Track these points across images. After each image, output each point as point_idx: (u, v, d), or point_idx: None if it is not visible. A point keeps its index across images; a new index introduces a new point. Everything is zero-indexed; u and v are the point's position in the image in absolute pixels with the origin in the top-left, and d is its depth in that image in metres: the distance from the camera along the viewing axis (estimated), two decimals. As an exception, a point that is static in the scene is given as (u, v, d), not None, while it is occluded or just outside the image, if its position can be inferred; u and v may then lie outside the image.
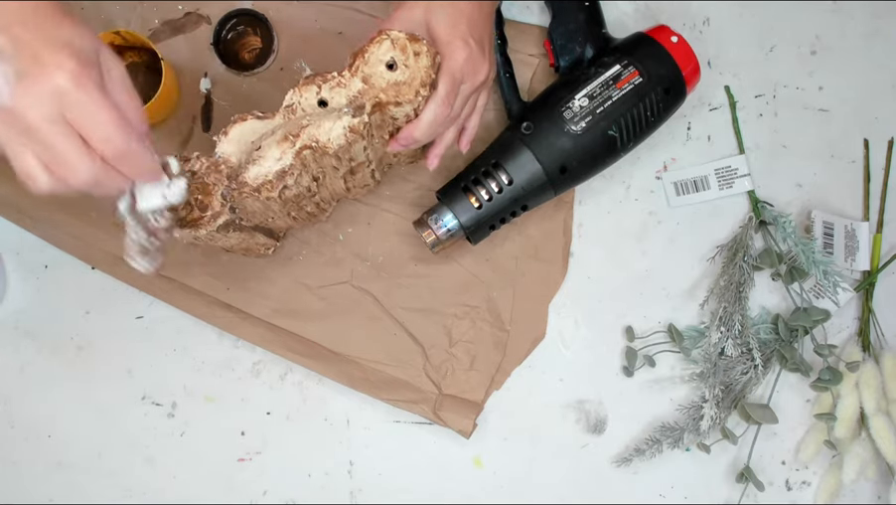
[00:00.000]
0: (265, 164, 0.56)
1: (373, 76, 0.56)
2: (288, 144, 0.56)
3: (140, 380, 0.74)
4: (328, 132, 0.56)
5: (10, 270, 0.75)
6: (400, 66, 0.56)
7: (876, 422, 0.70)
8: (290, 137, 0.56)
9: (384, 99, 0.56)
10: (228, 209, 0.56)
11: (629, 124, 0.67)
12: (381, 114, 0.58)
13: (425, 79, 0.56)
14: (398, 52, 0.56)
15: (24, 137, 0.42)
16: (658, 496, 0.74)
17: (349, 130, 0.55)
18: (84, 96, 0.42)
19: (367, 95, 0.56)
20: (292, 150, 0.55)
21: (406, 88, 0.56)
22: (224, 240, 0.61)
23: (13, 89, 0.41)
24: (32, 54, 0.41)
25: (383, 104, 0.57)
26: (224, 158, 0.56)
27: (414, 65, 0.56)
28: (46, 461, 0.74)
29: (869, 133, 0.77)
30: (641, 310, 0.75)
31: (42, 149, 0.43)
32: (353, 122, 0.55)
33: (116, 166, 0.45)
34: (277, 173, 0.56)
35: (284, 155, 0.56)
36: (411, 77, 0.56)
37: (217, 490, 0.74)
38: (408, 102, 0.56)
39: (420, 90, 0.56)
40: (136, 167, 0.46)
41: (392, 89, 0.56)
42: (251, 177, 0.56)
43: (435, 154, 0.65)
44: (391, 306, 0.74)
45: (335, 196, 0.70)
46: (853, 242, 0.74)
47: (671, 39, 0.68)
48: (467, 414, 0.72)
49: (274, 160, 0.56)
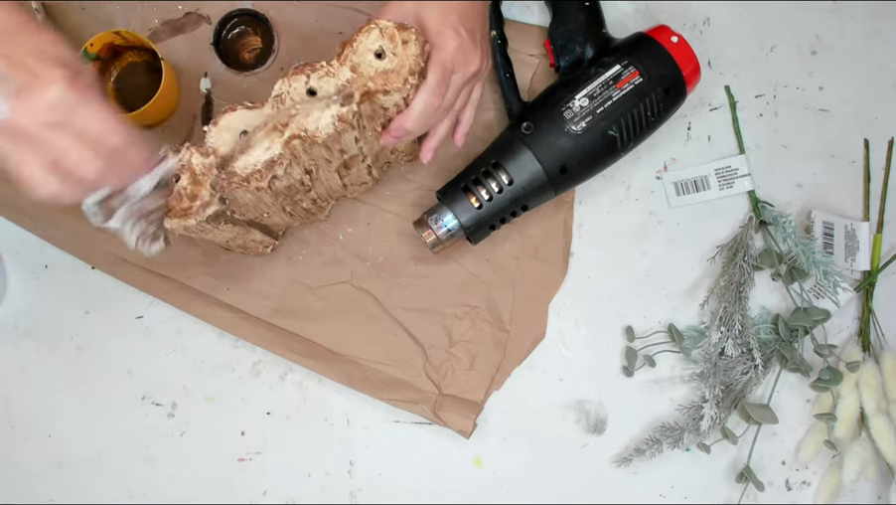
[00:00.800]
0: (254, 154, 0.56)
1: (361, 64, 0.57)
2: (277, 134, 0.56)
3: (140, 380, 0.74)
4: (316, 121, 0.56)
5: (10, 270, 0.75)
6: (388, 54, 0.56)
7: (876, 422, 0.70)
8: (279, 127, 0.56)
9: (373, 88, 0.57)
10: (218, 199, 0.57)
11: (629, 124, 0.67)
12: (371, 104, 0.58)
13: (414, 66, 0.56)
14: (387, 40, 0.56)
15: (27, 146, 0.45)
16: (658, 496, 0.74)
17: (337, 119, 0.56)
18: (78, 101, 0.45)
19: (355, 84, 0.56)
20: (281, 139, 0.56)
21: (395, 76, 0.56)
22: (216, 232, 0.61)
23: (13, 103, 0.44)
24: (25, 69, 0.45)
25: (372, 93, 0.57)
26: (213, 147, 0.57)
27: (402, 53, 0.56)
28: (46, 461, 0.74)
29: (869, 133, 0.77)
30: (641, 310, 0.75)
31: (46, 154, 0.46)
32: (341, 111, 0.56)
33: (115, 160, 0.48)
34: (266, 163, 0.56)
35: (273, 145, 0.56)
36: (399, 64, 0.56)
37: (217, 490, 0.74)
38: (397, 91, 0.57)
39: (409, 78, 0.56)
40: (132, 159, 0.50)
41: (381, 78, 0.56)
42: (240, 167, 0.56)
43: (429, 147, 0.65)
44: (391, 306, 0.74)
45: (332, 193, 0.70)
46: (853, 242, 0.74)
47: (671, 39, 0.68)
48: (467, 414, 0.72)
49: (263, 150, 0.56)
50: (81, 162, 0.47)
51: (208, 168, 0.57)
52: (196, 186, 0.57)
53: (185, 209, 0.57)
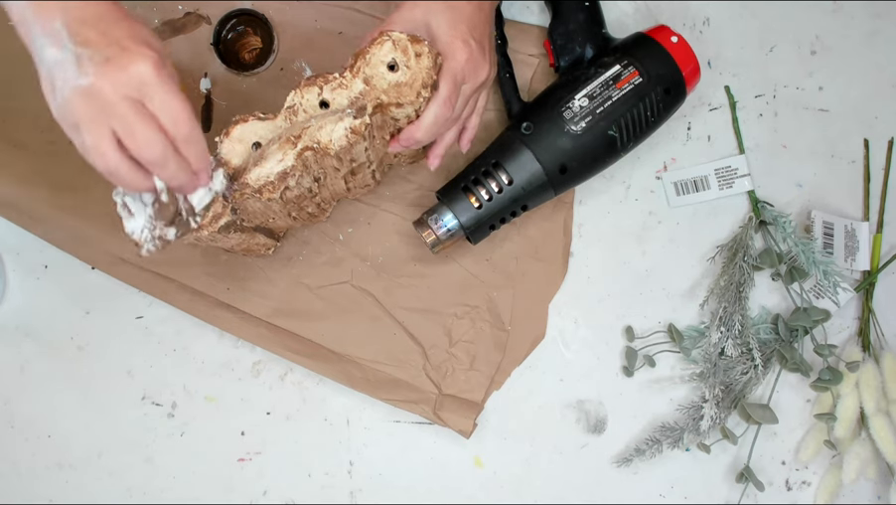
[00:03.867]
0: (267, 165, 0.56)
1: (374, 77, 0.56)
2: (290, 146, 0.55)
3: (140, 380, 0.74)
4: (329, 134, 0.55)
5: (10, 270, 0.75)
6: (402, 67, 0.56)
7: (876, 422, 0.70)
8: (292, 139, 0.55)
9: (386, 101, 0.56)
10: (230, 210, 0.56)
11: (629, 124, 0.67)
12: (383, 115, 0.58)
13: (426, 80, 0.56)
14: (400, 53, 0.56)
15: (102, 114, 0.46)
16: (658, 496, 0.74)
17: (350, 132, 0.55)
18: (161, 83, 0.47)
19: (368, 97, 0.56)
20: (294, 151, 0.55)
21: (408, 90, 0.56)
22: (224, 240, 0.61)
23: (98, 69, 0.45)
24: (118, 43, 0.46)
25: (385, 106, 0.57)
26: (225, 159, 0.56)
27: (416, 66, 0.56)
28: (46, 461, 0.74)
29: (869, 133, 0.77)
30: (641, 310, 0.75)
31: (118, 126, 0.47)
32: (354, 124, 0.55)
33: (182, 149, 0.49)
34: (279, 174, 0.56)
35: (286, 157, 0.55)
36: (412, 78, 0.56)
37: (217, 490, 0.74)
38: (410, 104, 0.56)
39: (422, 92, 0.56)
40: (197, 152, 0.50)
41: (394, 91, 0.56)
42: (253, 178, 0.56)
43: (436, 154, 0.65)
44: (391, 306, 0.74)
45: (335, 196, 0.70)
46: (853, 242, 0.74)
47: (671, 39, 0.68)
48: (467, 414, 0.72)
49: (276, 161, 0.56)
50: (148, 142, 0.47)
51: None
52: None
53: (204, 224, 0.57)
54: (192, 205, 0.54)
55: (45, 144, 0.74)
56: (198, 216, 0.55)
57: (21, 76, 0.74)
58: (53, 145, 0.74)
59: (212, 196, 0.54)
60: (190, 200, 0.53)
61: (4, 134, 0.75)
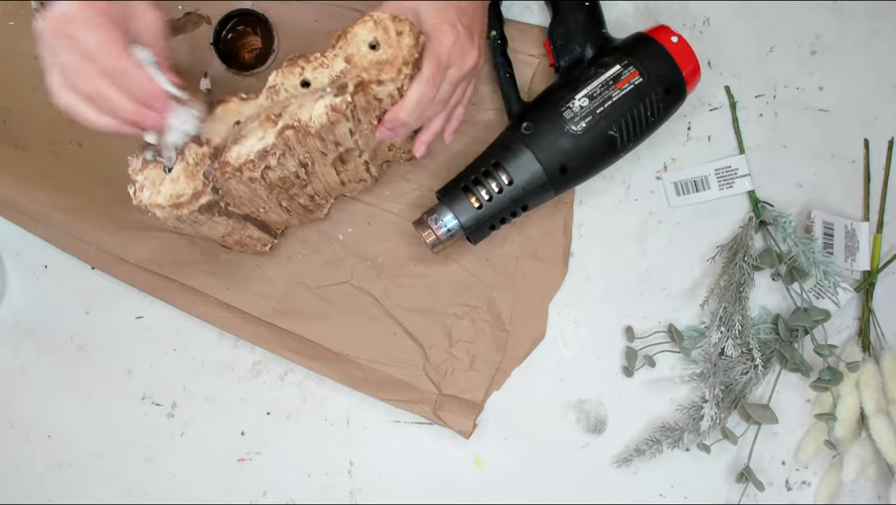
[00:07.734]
0: (247, 143, 0.56)
1: (355, 55, 0.57)
2: (270, 124, 0.56)
3: (140, 380, 0.74)
4: (310, 111, 0.56)
5: (10, 270, 0.75)
6: (383, 45, 0.57)
7: (876, 422, 0.70)
8: (272, 117, 0.56)
9: (367, 78, 0.57)
10: (211, 189, 0.57)
11: (629, 124, 0.67)
12: (365, 95, 0.58)
13: (408, 57, 0.57)
14: (381, 32, 0.57)
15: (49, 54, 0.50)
16: (658, 496, 0.74)
17: (331, 109, 0.56)
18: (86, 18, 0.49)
19: (349, 75, 0.57)
20: (274, 130, 0.56)
21: (388, 67, 0.57)
22: (211, 224, 0.62)
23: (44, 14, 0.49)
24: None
25: (366, 83, 0.57)
26: (207, 137, 0.57)
27: (396, 44, 0.57)
28: (46, 461, 0.74)
29: (869, 133, 0.77)
30: (641, 310, 0.75)
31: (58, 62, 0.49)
32: (335, 101, 0.56)
33: (116, 81, 0.50)
34: (259, 153, 0.56)
35: (266, 135, 0.56)
36: (393, 55, 0.57)
37: (217, 490, 0.74)
38: (391, 81, 0.57)
39: (403, 69, 0.57)
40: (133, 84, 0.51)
41: (375, 68, 0.57)
42: (233, 156, 0.56)
43: (422, 141, 0.65)
44: (391, 306, 0.74)
45: (330, 190, 0.70)
46: (853, 242, 0.74)
47: (671, 39, 0.68)
48: (467, 414, 0.72)
49: (256, 139, 0.56)
50: (80, 75, 0.49)
51: (201, 158, 0.57)
52: (189, 177, 0.57)
53: (177, 196, 0.57)
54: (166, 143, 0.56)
55: (45, 145, 0.74)
56: (170, 156, 0.56)
57: (21, 76, 0.74)
58: (53, 146, 0.74)
59: (182, 136, 0.56)
60: (165, 139, 0.55)
61: (5, 135, 0.75)
